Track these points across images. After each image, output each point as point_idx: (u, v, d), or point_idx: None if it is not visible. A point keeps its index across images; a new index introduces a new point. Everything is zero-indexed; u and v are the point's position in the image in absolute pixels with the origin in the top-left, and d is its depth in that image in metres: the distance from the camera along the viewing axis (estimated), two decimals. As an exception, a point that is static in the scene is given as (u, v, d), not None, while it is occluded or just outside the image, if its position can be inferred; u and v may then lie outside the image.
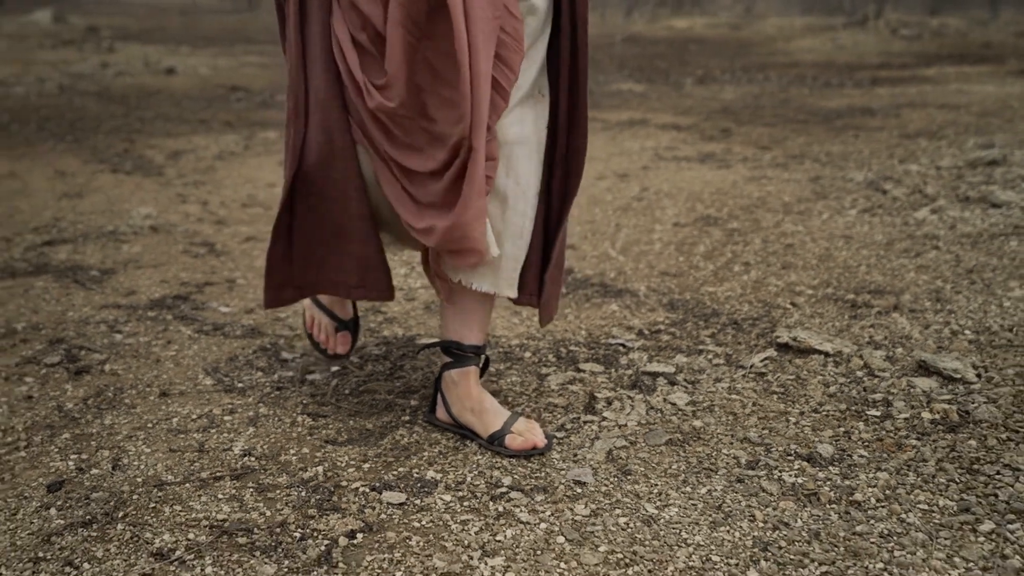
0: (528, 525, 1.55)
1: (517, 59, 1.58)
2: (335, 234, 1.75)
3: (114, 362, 2.26)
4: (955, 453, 1.70)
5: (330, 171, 1.70)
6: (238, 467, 1.76)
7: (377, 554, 1.48)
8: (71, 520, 1.58)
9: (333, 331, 2.06)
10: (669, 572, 1.41)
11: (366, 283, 1.77)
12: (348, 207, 1.72)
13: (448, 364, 1.86)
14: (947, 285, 2.64)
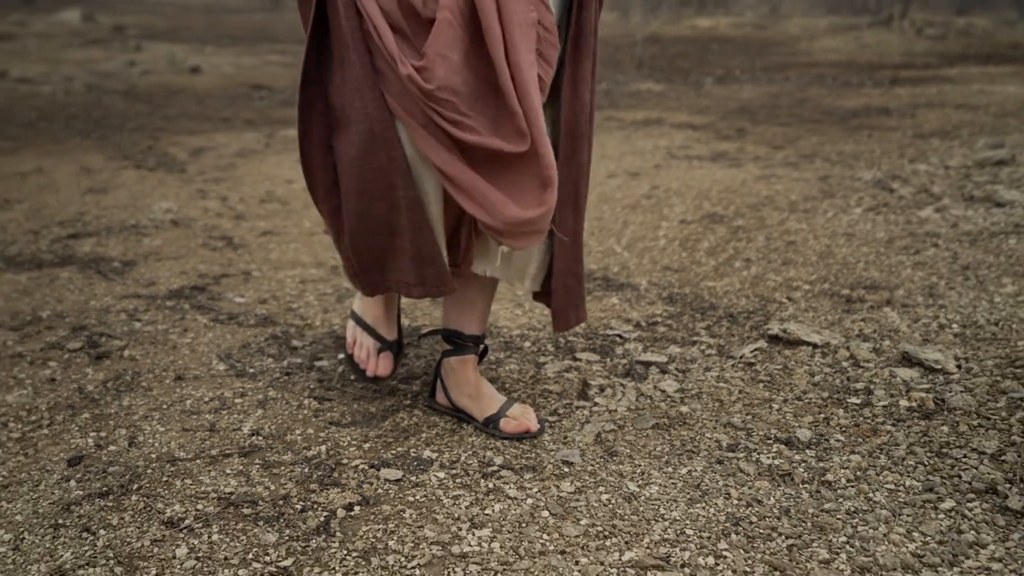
0: (515, 500, 1.65)
1: (554, 53, 1.60)
2: (388, 232, 1.69)
3: (133, 348, 2.38)
4: (927, 438, 1.78)
5: (372, 160, 1.64)
6: (246, 445, 1.87)
7: (372, 525, 1.59)
8: (89, 491, 1.70)
9: (375, 352, 1.96)
10: (644, 544, 1.51)
11: (424, 279, 1.71)
12: (395, 198, 1.65)
13: (448, 352, 1.95)
14: (941, 281, 2.72)
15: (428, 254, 1.69)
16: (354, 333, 2.00)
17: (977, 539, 1.45)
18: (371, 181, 1.65)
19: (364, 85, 1.60)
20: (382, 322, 1.98)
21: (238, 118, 6.51)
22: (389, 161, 1.63)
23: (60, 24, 15.29)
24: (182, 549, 1.52)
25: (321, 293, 2.82)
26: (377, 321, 1.97)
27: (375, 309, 1.97)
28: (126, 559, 1.49)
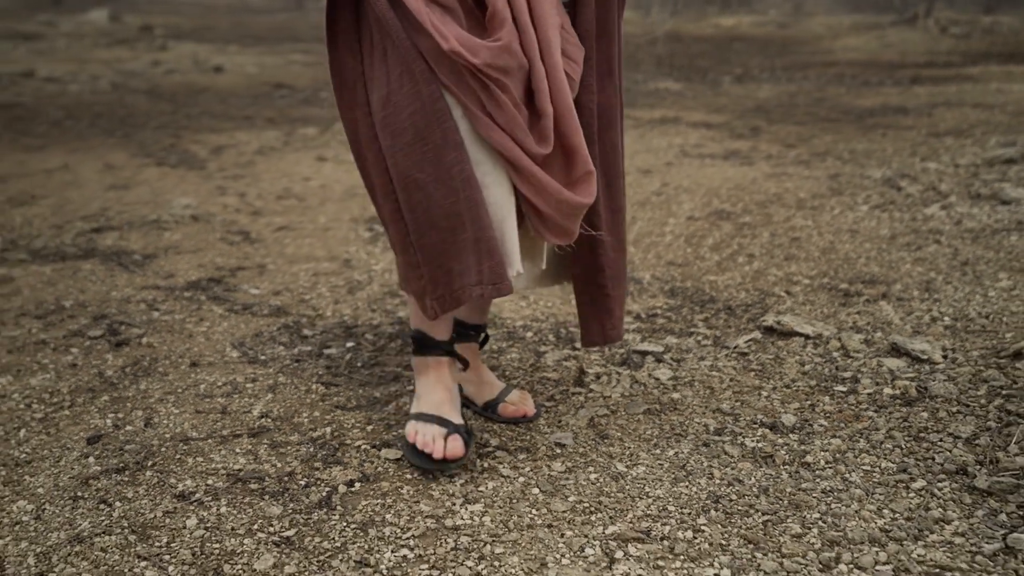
0: (508, 479, 1.75)
1: (580, 54, 1.66)
2: (449, 227, 1.61)
3: (151, 336, 2.50)
4: (906, 423, 1.86)
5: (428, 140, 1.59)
6: (255, 427, 1.98)
7: (371, 499, 1.68)
8: (106, 467, 1.81)
9: (442, 436, 1.77)
10: (628, 519, 1.60)
11: (482, 276, 1.60)
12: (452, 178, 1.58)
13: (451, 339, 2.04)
14: (939, 276, 2.79)
15: (486, 243, 1.59)
16: (413, 427, 1.80)
17: (943, 516, 1.53)
18: (428, 163, 1.58)
19: (413, 66, 1.57)
20: (447, 406, 1.83)
21: (259, 117, 6.64)
22: (443, 136, 1.57)
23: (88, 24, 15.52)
24: (192, 520, 1.62)
25: (333, 285, 2.92)
26: (441, 406, 1.83)
27: (437, 394, 1.85)
28: (140, 528, 1.60)
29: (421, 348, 1.89)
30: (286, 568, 1.48)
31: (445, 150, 1.58)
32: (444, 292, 1.65)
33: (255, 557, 1.51)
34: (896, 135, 5.38)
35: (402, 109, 1.60)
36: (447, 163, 1.58)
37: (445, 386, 1.87)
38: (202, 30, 15.32)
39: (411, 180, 1.61)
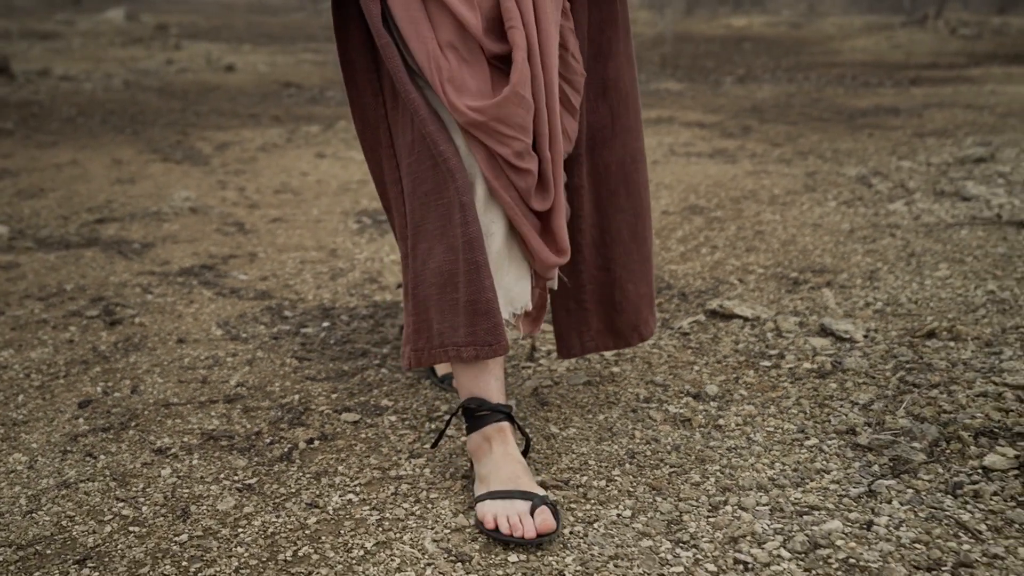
0: (451, 438, 1.97)
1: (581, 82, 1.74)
2: (441, 283, 1.64)
3: (143, 316, 2.73)
4: (815, 392, 2.07)
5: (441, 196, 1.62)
6: (231, 394, 2.21)
7: (327, 455, 1.91)
8: (94, 427, 2.05)
9: (528, 513, 1.56)
10: (552, 471, 1.82)
11: (475, 336, 1.61)
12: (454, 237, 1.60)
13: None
14: (885, 266, 2.99)
15: (484, 304, 1.58)
16: (492, 510, 1.59)
17: (824, 467, 1.74)
18: (438, 217, 1.62)
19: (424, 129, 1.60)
20: (524, 479, 1.64)
21: (266, 115, 6.90)
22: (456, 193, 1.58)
23: (105, 23, 15.86)
24: (166, 470, 1.86)
25: (317, 272, 3.15)
26: (517, 480, 1.63)
27: (508, 467, 1.66)
28: (120, 476, 1.83)
29: (477, 420, 1.70)
30: (245, 509, 1.71)
31: (453, 209, 1.59)
32: (424, 346, 1.68)
33: (219, 500, 1.74)
34: (882, 135, 5.57)
35: (425, 159, 1.62)
36: (454, 222, 1.59)
37: (515, 458, 1.67)
38: (218, 29, 15.63)
39: (421, 229, 1.64)
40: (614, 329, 1.94)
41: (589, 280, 1.89)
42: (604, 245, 1.87)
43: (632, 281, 1.89)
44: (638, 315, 1.91)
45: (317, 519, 1.66)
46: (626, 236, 1.86)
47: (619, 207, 1.86)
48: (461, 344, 1.63)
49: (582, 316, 1.91)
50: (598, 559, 1.51)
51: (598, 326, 1.93)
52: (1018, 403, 1.88)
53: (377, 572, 1.50)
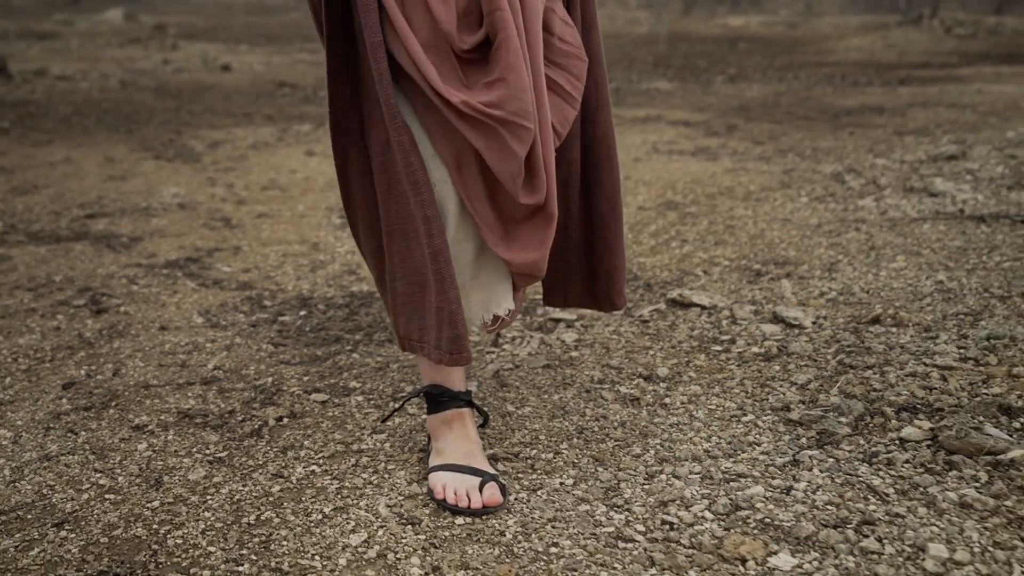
0: (413, 416, 2.10)
1: (583, 66, 1.69)
2: (420, 283, 1.68)
3: (128, 305, 2.87)
4: (758, 374, 2.21)
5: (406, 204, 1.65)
6: (208, 377, 2.35)
7: (295, 431, 2.05)
8: (76, 406, 2.18)
9: (476, 488, 1.70)
10: (504, 445, 1.95)
11: (440, 343, 1.67)
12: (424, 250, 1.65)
13: None
14: (845, 259, 3.12)
15: (449, 315, 1.63)
16: (443, 480, 1.73)
17: (757, 440, 1.88)
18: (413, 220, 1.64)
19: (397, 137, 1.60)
20: (476, 457, 1.77)
21: (259, 114, 7.04)
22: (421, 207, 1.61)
23: (103, 23, 16.02)
24: (143, 445, 1.99)
25: (298, 264, 3.29)
26: (469, 456, 1.77)
27: (465, 444, 1.79)
28: (99, 450, 1.97)
29: (438, 404, 1.82)
30: (214, 479, 1.84)
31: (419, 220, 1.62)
32: (415, 336, 1.73)
33: (190, 471, 1.88)
34: (863, 133, 5.70)
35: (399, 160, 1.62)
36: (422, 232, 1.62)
37: (471, 437, 1.80)
38: (216, 29, 15.78)
39: (397, 229, 1.65)
40: (592, 294, 1.96)
41: (575, 245, 1.91)
42: (587, 215, 1.89)
43: (608, 253, 1.90)
44: (612, 286, 1.93)
45: (281, 488, 1.80)
46: (605, 209, 1.87)
47: (600, 181, 1.86)
48: (431, 345, 1.68)
49: (567, 275, 1.93)
50: (538, 521, 1.64)
51: (578, 289, 1.96)
52: (942, 381, 2.01)
53: (333, 533, 1.63)
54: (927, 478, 1.66)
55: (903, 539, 1.49)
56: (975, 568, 1.40)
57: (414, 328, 1.71)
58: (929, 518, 1.54)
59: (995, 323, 2.34)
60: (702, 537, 1.55)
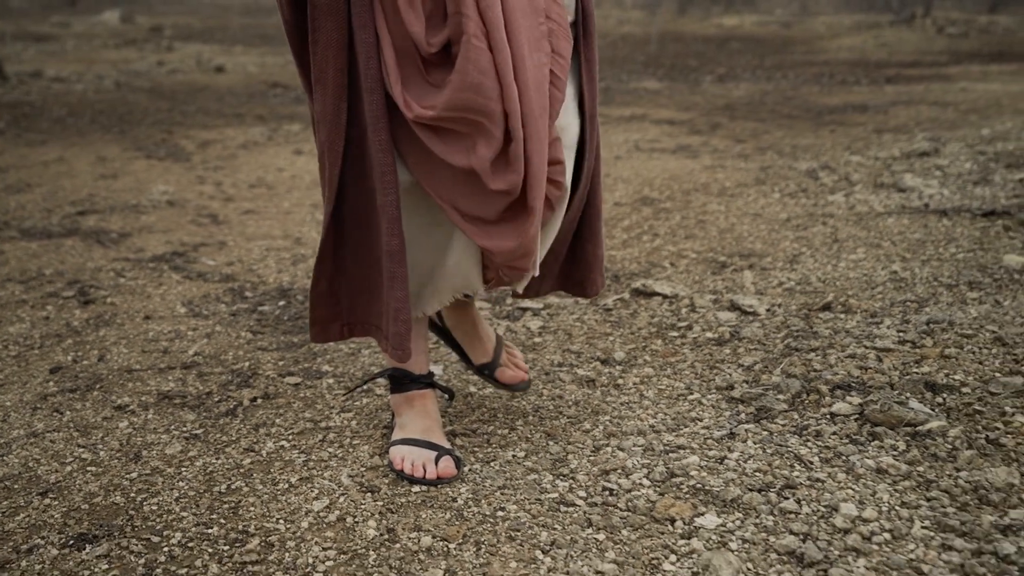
0: (380, 396, 2.24)
1: (568, 46, 1.62)
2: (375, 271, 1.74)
3: (115, 296, 3.01)
4: (710, 357, 2.34)
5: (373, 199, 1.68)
6: (188, 362, 2.48)
7: (268, 410, 2.18)
8: (62, 388, 2.32)
9: (432, 460, 1.83)
10: (464, 422, 2.08)
11: (388, 334, 1.72)
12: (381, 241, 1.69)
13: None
14: (808, 251, 3.25)
15: (393, 312, 1.69)
16: (402, 453, 1.86)
17: (699, 416, 2.01)
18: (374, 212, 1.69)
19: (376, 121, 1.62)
20: (435, 433, 1.89)
21: (250, 114, 7.18)
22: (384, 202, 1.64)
23: (100, 24, 16.17)
24: (124, 423, 2.13)
25: (280, 258, 3.42)
26: (428, 432, 1.89)
27: (424, 420, 1.91)
28: (82, 428, 2.10)
29: (400, 384, 1.92)
30: (190, 453, 1.98)
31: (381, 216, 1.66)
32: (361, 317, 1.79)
33: (167, 446, 2.01)
34: (843, 131, 5.83)
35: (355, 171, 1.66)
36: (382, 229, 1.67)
37: (431, 415, 1.91)
38: (212, 30, 15.92)
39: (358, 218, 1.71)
40: (571, 278, 1.95)
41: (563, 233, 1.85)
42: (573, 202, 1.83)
43: (591, 241, 1.89)
44: (589, 273, 1.92)
45: (251, 460, 1.93)
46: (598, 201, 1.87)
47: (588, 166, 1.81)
48: (384, 336, 1.76)
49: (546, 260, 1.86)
50: (488, 489, 1.77)
51: (556, 272, 1.93)
52: (877, 362, 2.14)
53: (298, 500, 1.77)
54: (850, 447, 1.79)
55: (819, 501, 1.62)
56: (880, 524, 1.53)
57: (374, 313, 1.77)
58: (847, 482, 1.67)
59: (938, 309, 2.47)
60: (637, 501, 1.69)
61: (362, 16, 1.59)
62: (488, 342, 2.04)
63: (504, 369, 2.03)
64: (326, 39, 1.60)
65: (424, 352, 1.94)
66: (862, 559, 1.44)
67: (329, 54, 1.61)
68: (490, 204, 1.61)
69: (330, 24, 1.60)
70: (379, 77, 1.60)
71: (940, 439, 1.76)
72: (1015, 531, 1.46)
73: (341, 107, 1.64)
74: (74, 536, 1.66)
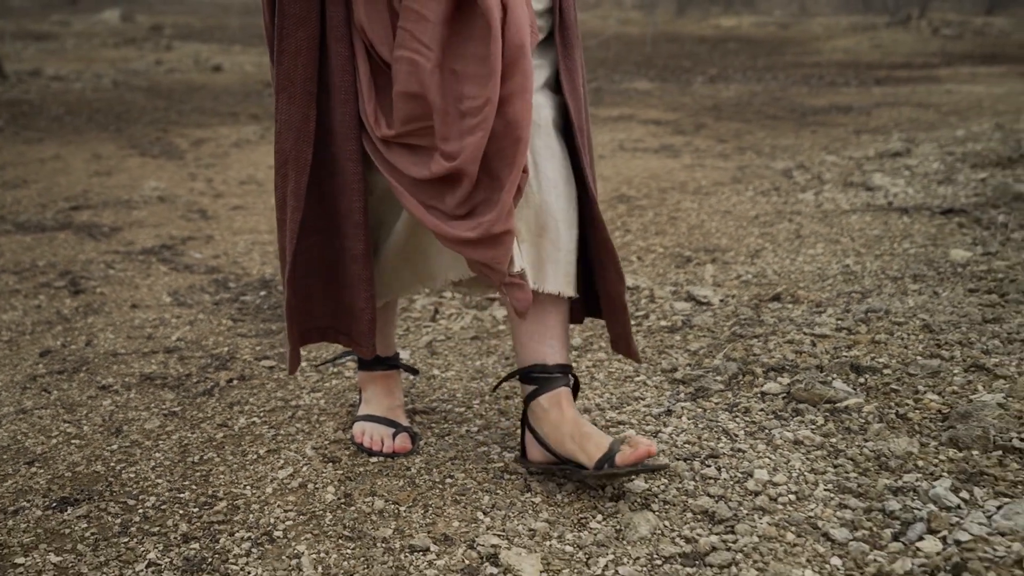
0: (348, 379, 2.40)
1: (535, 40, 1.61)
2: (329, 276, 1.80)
3: (104, 286, 3.18)
4: (660, 344, 2.50)
5: (338, 205, 1.74)
6: (170, 347, 2.65)
7: (243, 390, 2.35)
8: (51, 370, 2.49)
9: (390, 436, 1.97)
10: (425, 401, 2.25)
11: (350, 331, 1.84)
12: (345, 244, 1.75)
13: (534, 392, 1.77)
14: (770, 246, 3.41)
15: (357, 312, 1.79)
16: (363, 428, 2.00)
17: (642, 396, 2.17)
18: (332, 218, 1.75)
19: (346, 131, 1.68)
20: (396, 411, 2.04)
21: (244, 113, 7.35)
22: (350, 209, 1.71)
23: (100, 23, 16.37)
24: (107, 401, 2.29)
25: (264, 251, 3.59)
26: (391, 411, 2.03)
27: (387, 400, 2.04)
28: (68, 405, 2.27)
29: (367, 364, 2.06)
30: (167, 428, 2.14)
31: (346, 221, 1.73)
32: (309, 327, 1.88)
33: (146, 422, 2.18)
34: (824, 132, 6.00)
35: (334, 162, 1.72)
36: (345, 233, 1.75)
37: (393, 395, 2.06)
38: (212, 29, 16.10)
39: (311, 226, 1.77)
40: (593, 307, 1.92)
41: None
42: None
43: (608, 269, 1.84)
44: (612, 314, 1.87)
45: (224, 435, 2.10)
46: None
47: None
48: (340, 331, 1.86)
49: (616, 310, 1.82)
50: (440, 460, 1.94)
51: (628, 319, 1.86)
52: (811, 347, 2.31)
53: (265, 469, 1.93)
54: (774, 422, 1.95)
55: (738, 468, 1.78)
56: (787, 487, 1.69)
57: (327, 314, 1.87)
58: (765, 452, 1.84)
59: (879, 300, 2.63)
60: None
61: (337, 29, 1.64)
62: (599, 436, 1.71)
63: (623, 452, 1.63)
64: (294, 48, 1.66)
65: (391, 336, 2.10)
66: (766, 517, 1.60)
67: (298, 63, 1.66)
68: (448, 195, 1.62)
69: (301, 34, 1.65)
70: (353, 89, 1.65)
71: (855, 414, 1.93)
72: (904, 492, 1.63)
73: (310, 115, 1.68)
74: (57, 500, 1.83)
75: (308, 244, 1.78)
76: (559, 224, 1.68)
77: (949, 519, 1.52)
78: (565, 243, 1.69)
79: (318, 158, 1.71)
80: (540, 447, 1.76)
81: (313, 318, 1.87)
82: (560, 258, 1.69)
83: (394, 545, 1.63)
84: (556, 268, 1.69)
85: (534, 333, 1.75)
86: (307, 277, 1.81)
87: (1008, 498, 1.57)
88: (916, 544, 1.47)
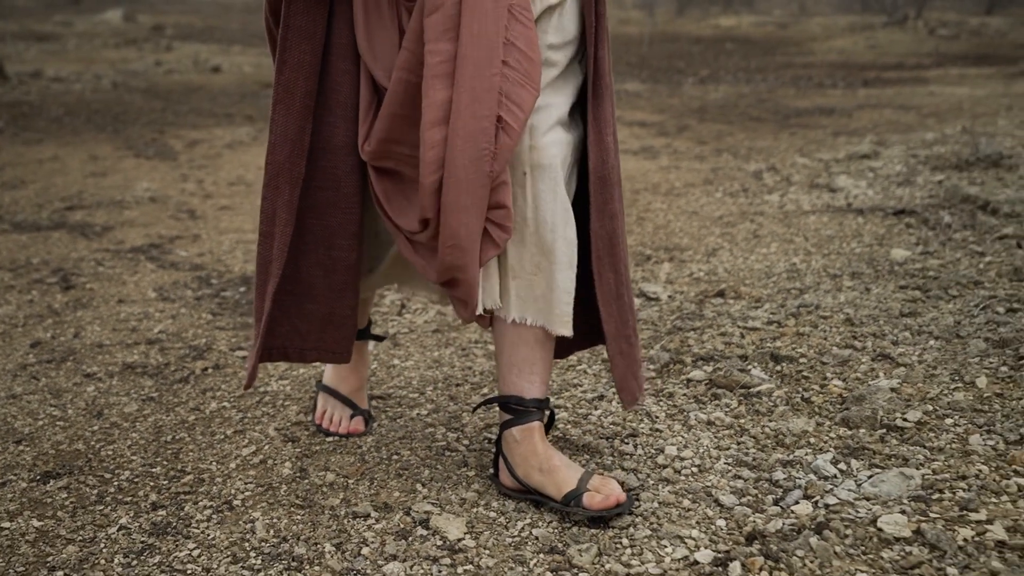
0: (315, 367, 2.62)
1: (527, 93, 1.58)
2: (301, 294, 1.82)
3: (93, 283, 3.40)
4: (605, 335, 2.71)
5: (328, 220, 1.77)
6: (152, 338, 2.87)
7: (216, 378, 2.57)
8: (40, 360, 2.71)
9: (348, 418, 2.17)
10: (382, 388, 2.46)
11: (325, 342, 1.87)
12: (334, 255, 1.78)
13: (508, 421, 1.81)
14: (727, 245, 3.62)
15: (340, 319, 1.84)
16: (324, 404, 2.19)
17: (579, 382, 2.38)
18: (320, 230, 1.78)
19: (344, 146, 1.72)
20: (358, 394, 2.19)
21: (240, 114, 7.58)
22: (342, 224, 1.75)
23: (102, 24, 16.62)
24: (91, 387, 2.52)
25: (248, 250, 3.81)
26: (353, 394, 2.18)
27: (352, 382, 2.19)
28: (55, 391, 2.49)
29: None
30: (144, 411, 2.36)
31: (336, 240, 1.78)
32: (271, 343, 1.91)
33: (126, 406, 2.40)
34: (803, 134, 6.20)
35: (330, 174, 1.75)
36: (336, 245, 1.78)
37: (359, 374, 2.19)
38: (212, 29, 16.35)
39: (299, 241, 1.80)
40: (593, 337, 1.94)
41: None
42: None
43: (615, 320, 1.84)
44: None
45: (195, 417, 2.32)
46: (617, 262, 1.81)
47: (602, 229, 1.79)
48: (308, 348, 1.89)
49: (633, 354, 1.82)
50: (390, 439, 2.15)
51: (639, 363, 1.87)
52: (740, 338, 2.52)
53: (231, 448, 2.15)
54: (693, 405, 2.17)
55: (653, 446, 2.00)
56: (692, 461, 1.91)
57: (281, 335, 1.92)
58: (679, 432, 2.05)
59: (814, 296, 2.84)
60: (508, 447, 2.06)
61: (341, 46, 1.68)
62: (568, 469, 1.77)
63: (592, 495, 1.70)
64: (296, 60, 1.68)
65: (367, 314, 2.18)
66: (668, 486, 1.82)
67: (299, 76, 1.68)
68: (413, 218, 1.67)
69: (305, 47, 1.67)
70: (355, 105, 1.68)
71: (766, 398, 2.14)
72: (792, 465, 1.84)
73: (306, 128, 1.70)
74: (41, 473, 2.05)
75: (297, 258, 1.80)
76: (553, 265, 1.68)
77: (824, 487, 1.73)
78: (561, 283, 1.69)
79: (308, 172, 1.73)
80: (509, 473, 1.81)
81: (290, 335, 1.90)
82: (554, 297, 1.70)
83: (340, 512, 1.84)
84: (548, 306, 1.71)
85: (517, 366, 1.79)
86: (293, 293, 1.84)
87: (880, 469, 1.78)
88: (792, 508, 1.68)
